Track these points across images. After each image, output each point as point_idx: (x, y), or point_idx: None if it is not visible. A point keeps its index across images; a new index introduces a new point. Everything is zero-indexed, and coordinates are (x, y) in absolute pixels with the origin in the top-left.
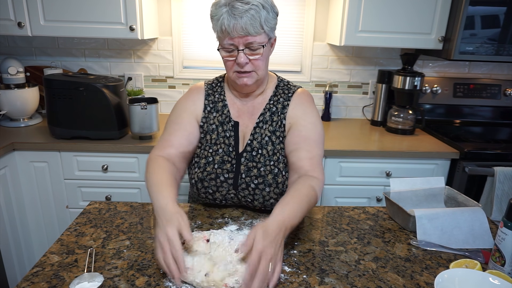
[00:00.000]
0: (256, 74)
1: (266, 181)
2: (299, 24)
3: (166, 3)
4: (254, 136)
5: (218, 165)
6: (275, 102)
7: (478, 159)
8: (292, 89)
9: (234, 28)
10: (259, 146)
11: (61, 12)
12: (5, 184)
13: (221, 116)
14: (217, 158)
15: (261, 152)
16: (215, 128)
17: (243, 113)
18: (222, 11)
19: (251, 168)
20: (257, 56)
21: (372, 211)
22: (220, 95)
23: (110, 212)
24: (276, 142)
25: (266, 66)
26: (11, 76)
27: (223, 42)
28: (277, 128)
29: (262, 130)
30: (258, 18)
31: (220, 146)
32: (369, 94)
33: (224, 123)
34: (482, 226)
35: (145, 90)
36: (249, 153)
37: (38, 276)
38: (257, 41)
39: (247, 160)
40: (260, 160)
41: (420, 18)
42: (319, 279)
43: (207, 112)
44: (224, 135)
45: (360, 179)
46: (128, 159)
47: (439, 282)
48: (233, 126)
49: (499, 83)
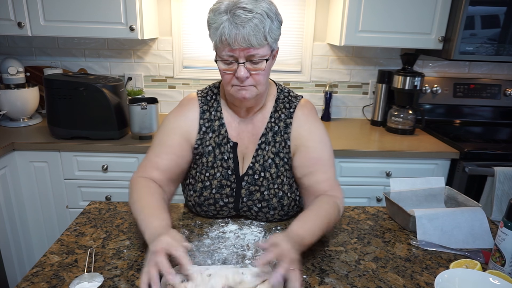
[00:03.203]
0: (256, 89)
1: (271, 205)
2: (299, 24)
3: (166, 3)
4: (256, 159)
5: (216, 189)
6: (276, 119)
7: (478, 159)
8: (294, 103)
9: (235, 38)
10: (261, 169)
11: (61, 12)
12: (5, 184)
13: (218, 137)
14: (214, 183)
15: (264, 175)
16: (211, 150)
17: (242, 133)
18: (223, 19)
19: (253, 192)
20: (259, 71)
21: (372, 211)
22: (216, 112)
23: (110, 212)
24: (280, 164)
25: (267, 80)
26: (11, 76)
27: (221, 53)
28: (280, 149)
29: (265, 152)
30: (262, 28)
31: (217, 169)
32: (369, 94)
33: (221, 145)
34: (482, 226)
35: (145, 90)
36: (251, 176)
37: (38, 276)
38: (260, 53)
39: (248, 184)
40: (263, 183)
41: (420, 18)
42: (319, 279)
43: (203, 132)
44: (222, 157)
45: (360, 179)
46: (128, 159)
47: (439, 282)
48: (232, 147)
49: (499, 83)
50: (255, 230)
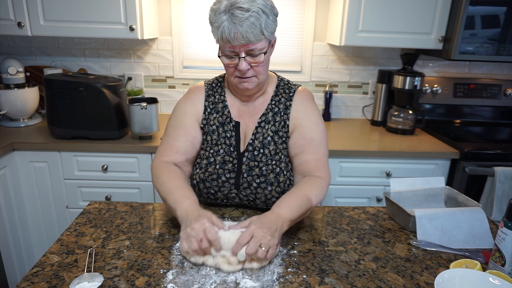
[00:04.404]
0: (257, 79)
1: (268, 180)
2: (299, 24)
3: (166, 3)
4: (256, 136)
5: (220, 165)
6: (276, 102)
7: (478, 159)
8: (293, 88)
9: (234, 36)
10: (261, 146)
11: (61, 12)
12: (5, 184)
13: (221, 117)
14: (218, 159)
15: (263, 152)
16: (215, 129)
17: (244, 113)
18: (222, 18)
19: (252, 168)
20: (258, 63)
21: (372, 211)
22: (220, 96)
23: (110, 212)
24: (279, 142)
25: (267, 69)
26: (11, 76)
27: (224, 49)
28: (280, 128)
29: (264, 130)
30: (258, 25)
31: (221, 146)
32: (369, 94)
33: (224, 124)
34: (482, 226)
35: (145, 90)
36: (250, 152)
37: (38, 276)
38: (258, 47)
39: (248, 160)
40: (262, 159)
41: (420, 18)
42: (319, 279)
43: (208, 113)
44: (225, 135)
45: (360, 179)
46: (128, 159)
47: (439, 282)
48: (234, 126)
49: (499, 83)
50: None
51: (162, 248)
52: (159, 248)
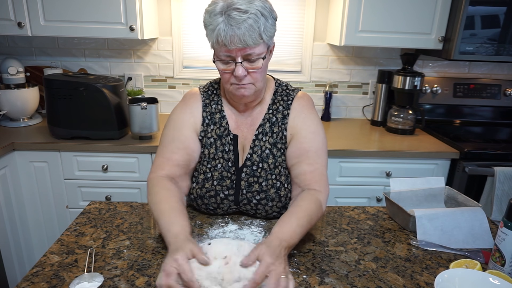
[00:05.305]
0: (254, 86)
1: (269, 196)
2: (299, 24)
3: (166, 3)
4: (254, 150)
5: (217, 181)
6: (274, 111)
7: (478, 159)
8: (291, 95)
9: (231, 40)
10: (259, 160)
11: (61, 12)
12: (5, 184)
13: (219, 129)
14: (216, 174)
15: (261, 166)
16: (213, 142)
17: (241, 124)
18: (218, 20)
19: (252, 184)
20: (256, 69)
21: (372, 211)
22: (217, 105)
23: (110, 212)
24: (278, 155)
25: (265, 76)
26: (11, 76)
27: (219, 54)
28: (278, 140)
29: (262, 142)
30: (256, 28)
31: (219, 161)
32: (369, 94)
33: (222, 137)
34: (482, 226)
35: (145, 90)
36: (249, 167)
37: (38, 276)
38: (256, 52)
39: (247, 176)
40: (261, 174)
41: (420, 18)
42: (319, 279)
43: (206, 125)
44: (223, 149)
45: (360, 179)
46: (128, 159)
47: (439, 282)
48: (232, 139)
49: (499, 83)
50: (255, 230)
51: (162, 248)
52: (159, 248)
